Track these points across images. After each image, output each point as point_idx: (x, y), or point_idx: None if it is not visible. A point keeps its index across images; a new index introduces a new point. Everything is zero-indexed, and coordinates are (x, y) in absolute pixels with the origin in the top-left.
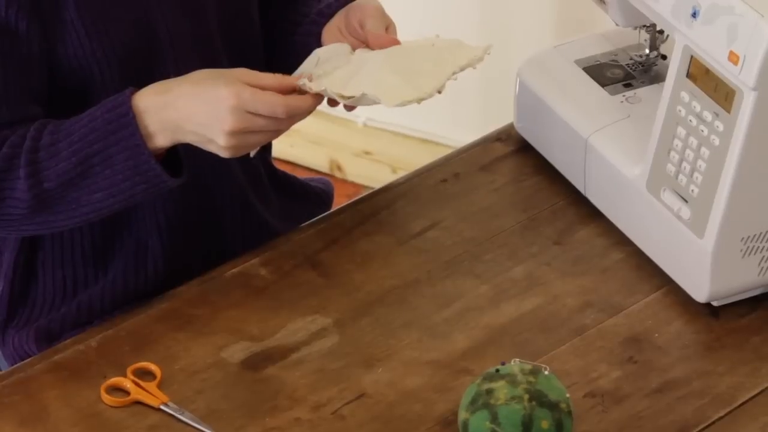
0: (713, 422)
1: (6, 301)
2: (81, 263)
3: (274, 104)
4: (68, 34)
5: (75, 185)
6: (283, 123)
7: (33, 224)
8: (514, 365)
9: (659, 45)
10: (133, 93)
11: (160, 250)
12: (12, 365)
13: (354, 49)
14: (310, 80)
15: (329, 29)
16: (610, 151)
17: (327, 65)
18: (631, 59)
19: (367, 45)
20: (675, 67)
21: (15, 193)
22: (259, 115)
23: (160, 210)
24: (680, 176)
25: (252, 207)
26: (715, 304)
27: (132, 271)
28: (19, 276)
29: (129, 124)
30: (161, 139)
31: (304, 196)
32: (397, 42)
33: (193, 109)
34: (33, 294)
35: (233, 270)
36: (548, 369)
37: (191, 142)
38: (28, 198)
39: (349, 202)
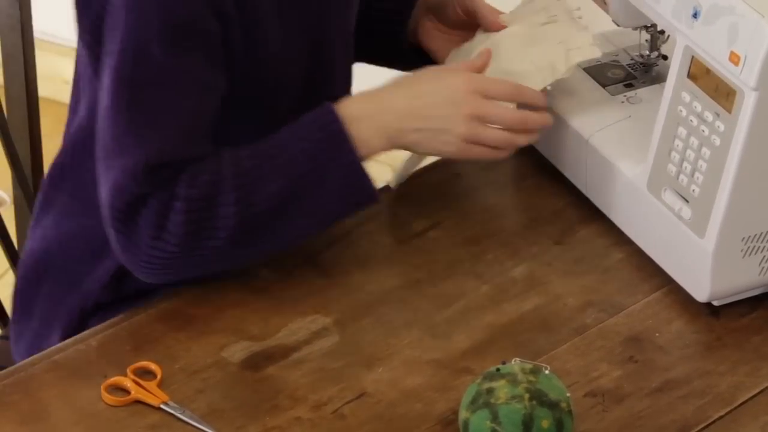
0: (714, 421)
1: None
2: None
3: (506, 89)
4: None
5: (284, 209)
6: (515, 120)
7: (221, 261)
8: (515, 364)
9: (660, 45)
10: (335, 108)
11: None
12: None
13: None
14: None
15: (426, 29)
16: (611, 151)
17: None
18: (632, 59)
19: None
20: (676, 67)
21: (218, 222)
22: (493, 106)
23: None
24: (681, 176)
25: None
26: (715, 303)
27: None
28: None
29: (344, 140)
30: (376, 146)
31: None
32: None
33: (421, 104)
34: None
35: (234, 269)
36: (549, 368)
37: (410, 145)
38: (232, 225)
39: None
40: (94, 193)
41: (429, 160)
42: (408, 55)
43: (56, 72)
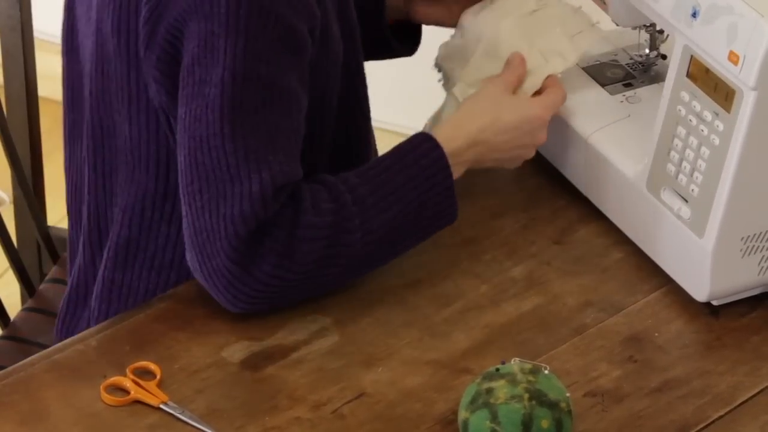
0: (713, 421)
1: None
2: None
3: (560, 102)
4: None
5: (395, 234)
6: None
7: (326, 287)
8: (514, 364)
9: (659, 45)
10: (432, 136)
11: None
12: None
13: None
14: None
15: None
16: (611, 151)
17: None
18: (631, 59)
19: None
20: (675, 66)
21: (343, 249)
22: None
23: None
24: (680, 176)
25: None
26: (715, 303)
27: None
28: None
29: (445, 167)
30: (457, 175)
31: None
32: None
33: (507, 138)
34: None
35: None
36: (548, 368)
37: (483, 167)
38: (354, 253)
39: None
40: (175, 253)
41: None
42: (389, 39)
43: (56, 72)
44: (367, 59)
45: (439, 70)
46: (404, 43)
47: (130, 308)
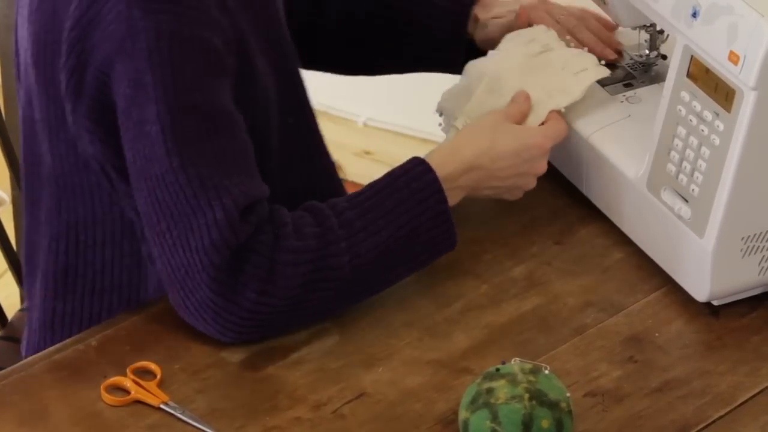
0: (713, 421)
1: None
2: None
3: (562, 134)
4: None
5: (386, 259)
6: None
7: (319, 313)
8: (515, 364)
9: (659, 45)
10: (425, 160)
11: None
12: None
13: None
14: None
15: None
16: (611, 151)
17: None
18: (631, 59)
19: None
20: (675, 66)
21: (330, 273)
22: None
23: None
24: (680, 176)
25: None
26: (715, 303)
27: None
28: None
29: (438, 191)
30: (455, 199)
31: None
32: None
33: (503, 165)
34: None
35: None
36: (548, 368)
37: (481, 195)
38: (343, 276)
39: None
40: (113, 277)
41: None
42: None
43: None
44: (438, 71)
45: (441, 114)
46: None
47: (74, 335)
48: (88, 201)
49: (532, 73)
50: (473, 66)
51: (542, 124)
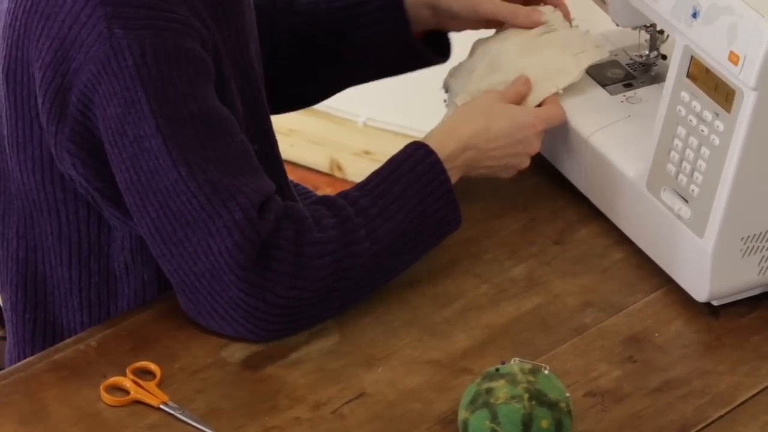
0: (713, 421)
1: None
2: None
3: (556, 118)
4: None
5: (400, 244)
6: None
7: (341, 305)
8: (514, 364)
9: (659, 45)
10: (425, 143)
11: None
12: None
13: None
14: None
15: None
16: (611, 151)
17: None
18: (631, 59)
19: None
20: (675, 67)
21: (353, 261)
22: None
23: None
24: (680, 176)
25: None
26: (715, 303)
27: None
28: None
29: (442, 171)
30: (453, 181)
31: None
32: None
33: (498, 145)
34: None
35: None
36: (548, 368)
37: (476, 174)
38: (364, 263)
39: None
40: (81, 297)
41: None
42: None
43: None
44: (402, 72)
45: (446, 91)
46: (436, 51)
47: (55, 344)
48: (54, 219)
49: (533, 53)
50: (479, 43)
51: (540, 105)
